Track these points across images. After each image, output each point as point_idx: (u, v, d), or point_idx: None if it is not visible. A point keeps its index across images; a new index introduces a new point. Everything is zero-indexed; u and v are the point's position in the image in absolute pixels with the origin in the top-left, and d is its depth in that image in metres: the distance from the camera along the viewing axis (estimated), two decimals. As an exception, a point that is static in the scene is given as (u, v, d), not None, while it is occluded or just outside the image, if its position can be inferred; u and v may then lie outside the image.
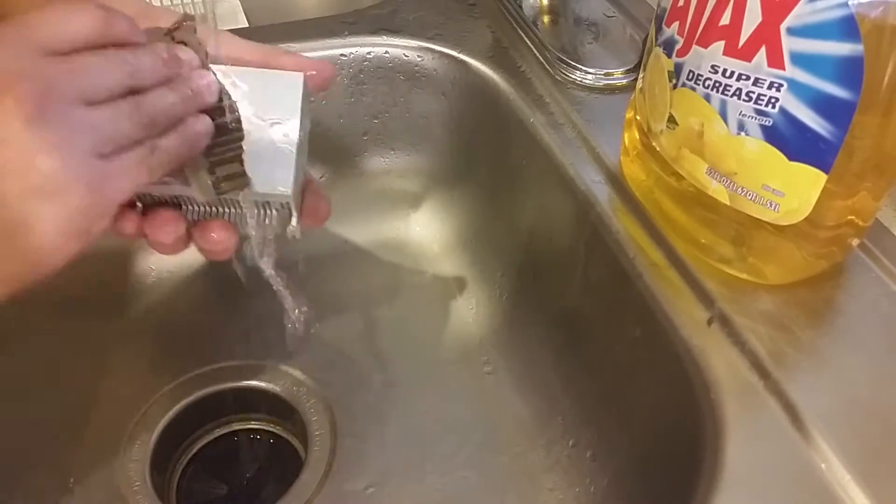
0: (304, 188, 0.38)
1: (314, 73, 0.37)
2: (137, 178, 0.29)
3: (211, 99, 0.32)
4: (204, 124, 0.31)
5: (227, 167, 0.33)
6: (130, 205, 0.34)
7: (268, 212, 0.36)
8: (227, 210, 0.35)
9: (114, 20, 0.29)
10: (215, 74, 0.32)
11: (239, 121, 0.33)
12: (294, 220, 0.36)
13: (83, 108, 0.27)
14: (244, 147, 0.33)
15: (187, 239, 0.36)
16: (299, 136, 0.35)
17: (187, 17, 0.32)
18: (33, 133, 0.26)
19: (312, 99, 0.37)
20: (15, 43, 0.27)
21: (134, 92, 0.29)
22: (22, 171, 0.26)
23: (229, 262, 0.39)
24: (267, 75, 0.35)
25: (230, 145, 0.33)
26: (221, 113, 0.32)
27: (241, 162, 0.33)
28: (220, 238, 0.36)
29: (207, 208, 0.35)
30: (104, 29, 0.28)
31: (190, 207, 0.35)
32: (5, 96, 0.26)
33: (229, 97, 0.32)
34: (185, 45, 0.32)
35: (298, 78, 0.35)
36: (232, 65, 0.35)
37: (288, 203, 0.35)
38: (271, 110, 0.35)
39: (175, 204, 0.35)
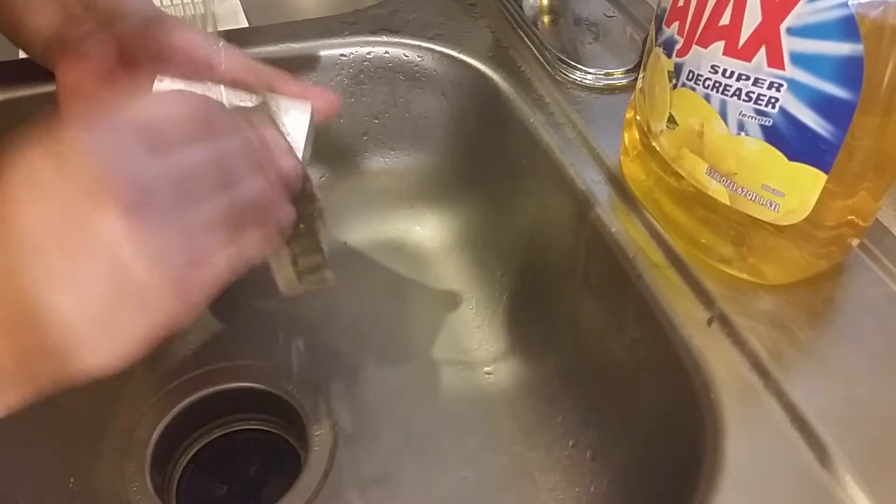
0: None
1: (320, 102, 0.37)
2: (222, 280, 0.28)
3: (296, 185, 0.31)
4: (289, 214, 0.31)
5: (309, 258, 0.32)
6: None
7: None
8: None
9: (212, 110, 0.28)
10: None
11: (322, 209, 0.32)
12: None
13: (182, 211, 0.26)
14: (322, 230, 0.32)
15: None
16: (305, 162, 0.34)
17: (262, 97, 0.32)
18: (131, 242, 0.24)
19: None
20: (120, 138, 0.26)
21: (227, 184, 0.28)
22: (111, 280, 0.24)
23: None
24: (273, 101, 0.35)
25: (312, 235, 0.32)
26: (305, 200, 0.31)
27: (324, 253, 0.33)
28: None
29: None
30: (204, 122, 0.28)
31: None
32: (107, 199, 0.24)
33: (310, 180, 0.32)
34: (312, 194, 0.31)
35: (306, 108, 0.35)
36: (235, 85, 0.35)
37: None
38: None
39: None
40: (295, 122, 0.35)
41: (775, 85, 0.33)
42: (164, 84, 0.34)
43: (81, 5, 0.39)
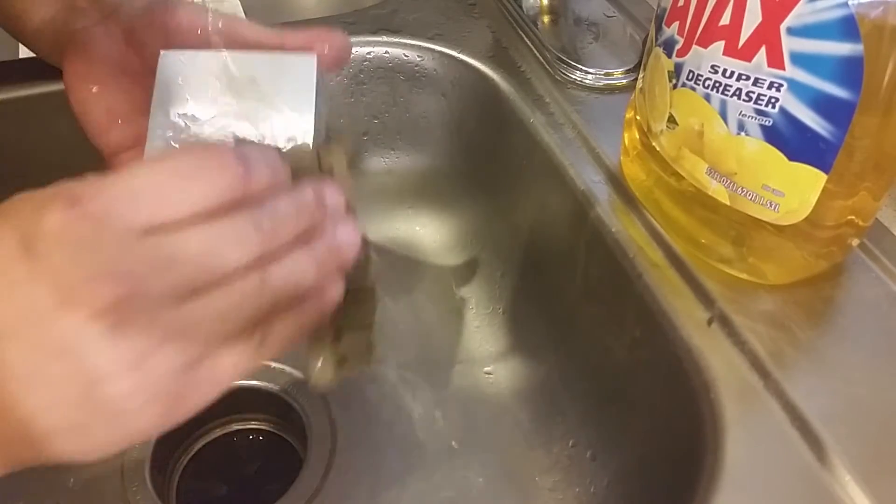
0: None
1: (326, 50, 0.33)
2: (231, 380, 0.23)
3: (351, 257, 0.25)
4: (335, 295, 0.25)
5: (355, 337, 0.28)
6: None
7: None
8: None
9: (255, 173, 0.22)
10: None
11: (373, 283, 0.27)
12: None
13: (179, 306, 0.21)
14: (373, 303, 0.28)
15: None
16: (315, 124, 0.32)
17: (339, 138, 0.28)
18: (107, 349, 0.21)
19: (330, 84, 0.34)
20: (105, 221, 0.21)
21: (255, 266, 0.22)
22: (79, 386, 0.21)
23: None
24: (278, 60, 0.32)
25: (364, 308, 0.28)
26: (359, 277, 0.27)
27: (373, 331, 0.28)
28: None
29: None
30: (240, 189, 0.22)
31: None
32: (79, 304, 0.20)
33: (367, 248, 0.27)
34: (332, 167, 0.27)
35: (311, 61, 0.32)
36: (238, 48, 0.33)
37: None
38: (284, 99, 0.32)
39: None
40: (301, 77, 0.31)
41: (775, 85, 0.33)
42: (168, 58, 0.32)
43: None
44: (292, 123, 0.32)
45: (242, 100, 0.32)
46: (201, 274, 0.21)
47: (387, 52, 0.57)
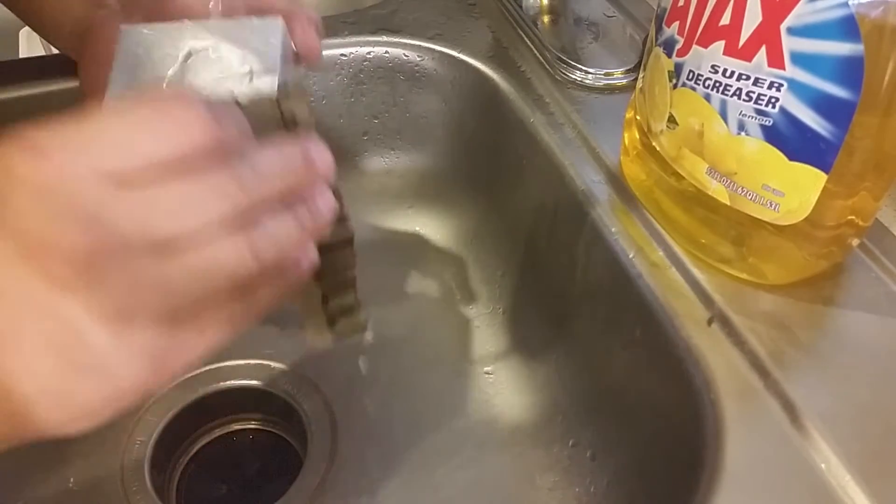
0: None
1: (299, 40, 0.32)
2: (215, 341, 0.22)
3: (328, 221, 0.24)
4: (312, 257, 0.24)
5: (342, 298, 0.27)
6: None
7: None
8: None
9: (224, 121, 0.21)
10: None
11: (353, 235, 0.27)
12: None
13: (159, 263, 0.20)
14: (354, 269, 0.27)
15: None
16: (279, 82, 0.29)
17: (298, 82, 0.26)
18: (81, 302, 0.20)
19: (313, 100, 0.33)
20: (75, 167, 0.19)
21: (241, 228, 0.21)
22: (60, 348, 0.20)
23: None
24: (242, 24, 0.31)
25: (343, 271, 0.27)
26: (339, 234, 0.26)
27: (356, 291, 0.28)
28: None
29: None
30: (213, 138, 0.20)
31: None
32: (49, 257, 0.19)
33: (341, 199, 0.26)
34: (296, 121, 0.26)
35: (277, 22, 0.31)
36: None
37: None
38: (247, 60, 0.29)
39: None
40: (265, 41, 0.29)
41: (775, 85, 0.33)
42: (130, 33, 0.29)
43: None
44: (256, 81, 0.29)
45: (204, 64, 0.30)
46: (181, 228, 0.20)
47: (387, 52, 0.57)
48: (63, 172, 0.19)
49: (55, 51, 0.44)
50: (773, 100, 0.33)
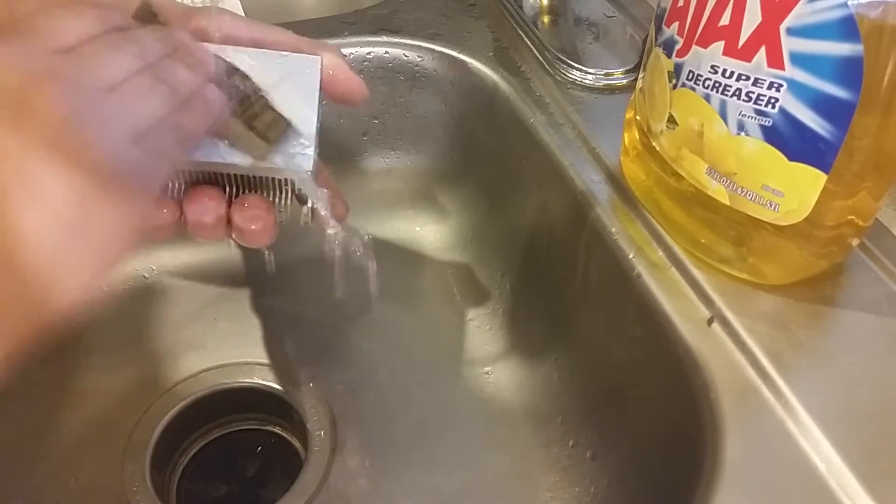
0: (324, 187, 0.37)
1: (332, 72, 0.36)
2: (174, 156, 0.29)
3: (213, 67, 0.31)
4: (216, 91, 0.31)
5: (262, 118, 0.32)
6: (163, 190, 0.33)
7: (288, 191, 0.35)
8: (261, 187, 0.35)
9: (107, 13, 0.29)
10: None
11: (246, 76, 0.32)
12: (309, 203, 0.36)
13: (109, 93, 0.26)
14: (266, 97, 0.33)
15: (227, 221, 0.35)
16: (318, 116, 0.34)
17: (146, 4, 0.32)
18: (73, 131, 0.24)
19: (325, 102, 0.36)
20: (24, 48, 0.26)
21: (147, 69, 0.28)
22: (66, 177, 0.24)
23: (236, 259, 0.38)
24: (284, 55, 0.35)
25: (253, 100, 0.32)
26: (228, 74, 0.32)
27: (273, 108, 0.33)
28: (258, 212, 0.35)
29: (243, 184, 0.35)
30: (101, 22, 0.28)
31: (228, 187, 0.34)
32: (33, 98, 0.24)
33: (224, 61, 0.32)
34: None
35: (315, 60, 0.35)
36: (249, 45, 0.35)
37: (305, 180, 0.34)
38: (289, 88, 0.34)
39: (212, 182, 0.34)
40: (305, 73, 0.35)
41: (775, 85, 0.33)
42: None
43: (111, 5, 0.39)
44: (294, 113, 0.34)
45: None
46: (112, 69, 0.27)
47: (387, 52, 0.57)
48: (18, 47, 0.25)
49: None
50: (772, 100, 0.33)
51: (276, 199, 0.35)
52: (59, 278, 0.24)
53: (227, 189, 0.34)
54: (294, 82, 0.34)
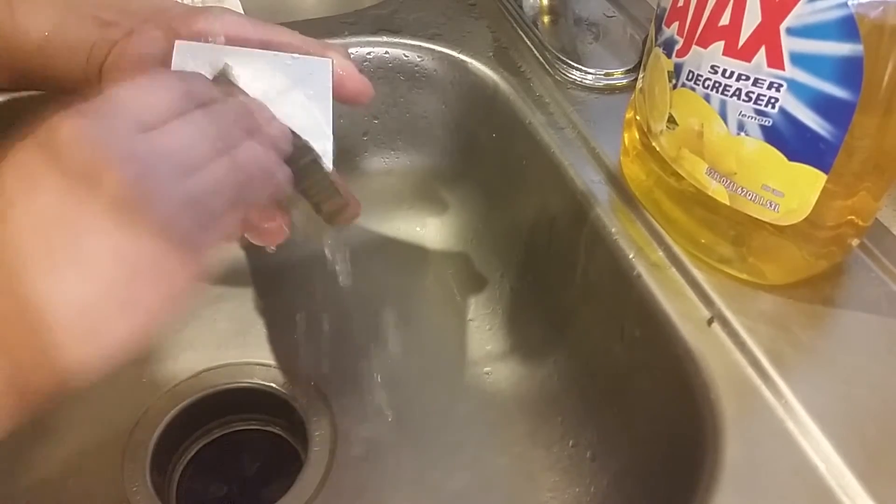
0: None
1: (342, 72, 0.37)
2: (227, 239, 0.29)
3: (288, 146, 0.32)
4: (286, 173, 0.31)
5: (330, 203, 0.34)
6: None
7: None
8: None
9: (193, 84, 0.29)
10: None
11: (317, 157, 0.33)
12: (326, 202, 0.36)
13: (182, 180, 0.26)
14: (336, 181, 0.33)
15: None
16: (332, 114, 0.35)
17: (224, 70, 0.33)
18: (134, 215, 0.24)
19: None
20: (108, 120, 0.26)
21: (224, 150, 0.28)
22: (118, 257, 0.24)
23: (236, 259, 0.38)
24: (296, 57, 0.36)
25: (321, 182, 0.33)
26: (301, 154, 0.32)
27: (339, 191, 0.34)
28: (274, 211, 0.35)
29: None
30: (187, 95, 0.28)
31: None
32: (108, 179, 0.24)
33: (298, 137, 0.32)
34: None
35: (327, 63, 0.36)
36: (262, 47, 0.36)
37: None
38: (303, 90, 0.35)
39: None
40: (318, 73, 0.35)
41: (775, 85, 0.33)
42: (185, 48, 0.34)
43: (113, 11, 0.39)
44: (311, 111, 0.35)
45: (257, 96, 0.34)
46: (188, 155, 0.27)
47: (387, 52, 0.57)
48: (100, 123, 0.25)
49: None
50: (772, 100, 0.33)
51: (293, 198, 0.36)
52: (89, 339, 0.25)
53: None
54: (308, 85, 0.35)
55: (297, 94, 0.35)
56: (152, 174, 0.25)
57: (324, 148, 0.34)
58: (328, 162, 0.34)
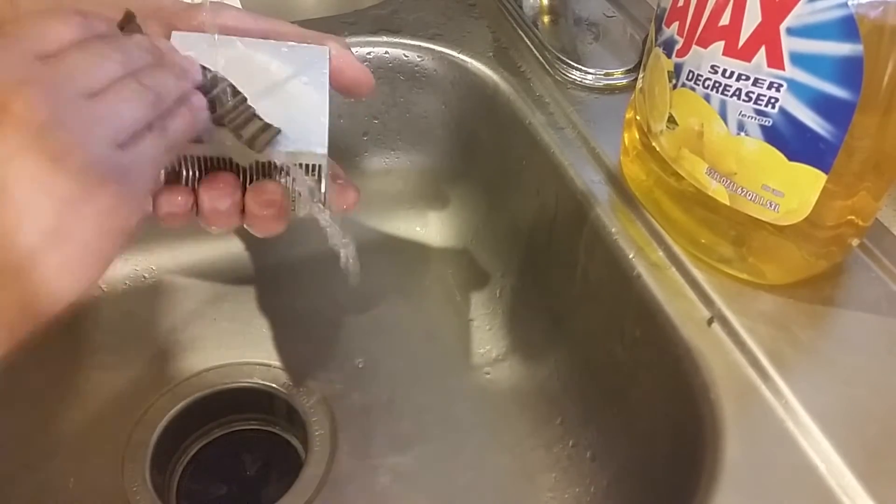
0: (331, 176, 0.37)
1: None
2: (159, 161, 0.29)
3: (198, 75, 0.32)
4: (201, 99, 0.31)
5: (249, 127, 0.33)
6: (175, 179, 0.33)
7: (303, 174, 0.35)
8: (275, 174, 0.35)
9: (92, 21, 0.29)
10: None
11: (232, 86, 0.33)
12: (323, 186, 0.36)
13: (91, 100, 0.26)
14: (253, 106, 0.33)
15: (241, 209, 0.35)
16: (328, 100, 0.35)
17: (130, 14, 0.32)
18: (53, 136, 0.24)
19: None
20: (5, 52, 0.26)
21: (131, 76, 0.28)
22: (46, 182, 0.24)
23: (236, 259, 0.38)
24: (292, 45, 0.36)
25: (239, 109, 0.33)
26: (213, 84, 0.32)
27: (259, 117, 0.33)
28: (272, 198, 0.35)
29: (258, 171, 0.35)
30: (85, 29, 0.28)
31: (242, 175, 0.35)
32: (13, 103, 0.24)
33: (209, 70, 0.32)
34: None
35: (324, 52, 0.36)
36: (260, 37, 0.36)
37: (320, 166, 0.35)
38: (300, 76, 0.35)
39: (227, 169, 0.35)
40: (314, 60, 0.35)
41: (775, 85, 0.33)
42: (181, 38, 0.34)
43: (113, 9, 0.39)
44: (306, 98, 0.35)
45: (254, 84, 0.33)
46: (94, 76, 0.27)
47: (387, 52, 0.57)
48: (2, 54, 0.25)
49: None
50: (772, 100, 0.33)
51: (290, 186, 0.35)
52: (42, 280, 0.25)
53: (241, 177, 0.34)
54: (305, 73, 0.35)
55: (294, 81, 0.35)
56: (56, 95, 0.25)
57: (319, 135, 0.34)
58: (323, 149, 0.34)
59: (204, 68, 0.32)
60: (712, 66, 0.35)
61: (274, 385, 0.51)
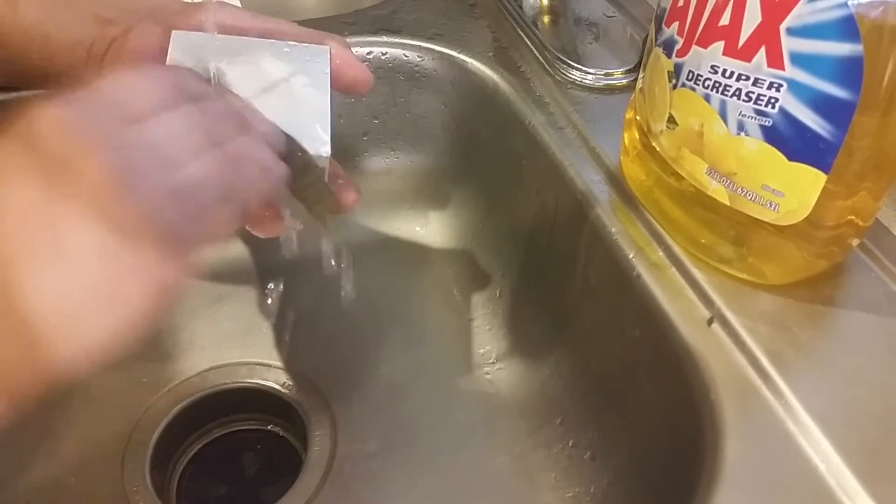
0: (332, 176, 0.37)
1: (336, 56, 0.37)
2: (228, 232, 0.28)
3: (280, 144, 0.31)
4: (283, 167, 0.30)
5: (322, 203, 0.34)
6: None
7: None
8: None
9: (184, 78, 0.28)
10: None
11: (310, 157, 0.32)
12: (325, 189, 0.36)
13: (170, 172, 0.25)
14: (320, 172, 0.33)
15: None
16: (330, 100, 0.35)
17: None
18: (123, 208, 0.24)
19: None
20: (90, 110, 0.25)
21: (214, 144, 0.27)
22: (99, 250, 0.23)
23: (236, 259, 0.38)
24: (293, 45, 0.36)
25: (316, 182, 0.33)
26: (294, 153, 0.32)
27: (329, 188, 0.34)
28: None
29: None
30: (176, 91, 0.27)
31: None
32: (89, 168, 0.23)
33: (291, 138, 0.32)
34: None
35: (325, 51, 0.36)
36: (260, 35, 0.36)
37: (324, 168, 0.35)
38: (301, 76, 0.35)
39: None
40: (316, 60, 0.35)
41: (775, 85, 0.33)
42: (181, 37, 0.34)
43: (112, 8, 0.39)
44: (309, 97, 0.35)
45: (255, 84, 0.34)
46: (175, 147, 0.26)
47: (387, 53, 0.57)
48: (85, 113, 0.24)
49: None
50: (772, 100, 0.33)
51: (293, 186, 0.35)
52: (74, 335, 0.24)
53: None
54: (306, 72, 0.35)
55: (295, 81, 0.34)
56: (136, 165, 0.24)
57: (322, 135, 0.34)
58: (326, 149, 0.34)
59: (287, 136, 0.31)
60: (712, 66, 0.35)
61: (274, 385, 0.51)
